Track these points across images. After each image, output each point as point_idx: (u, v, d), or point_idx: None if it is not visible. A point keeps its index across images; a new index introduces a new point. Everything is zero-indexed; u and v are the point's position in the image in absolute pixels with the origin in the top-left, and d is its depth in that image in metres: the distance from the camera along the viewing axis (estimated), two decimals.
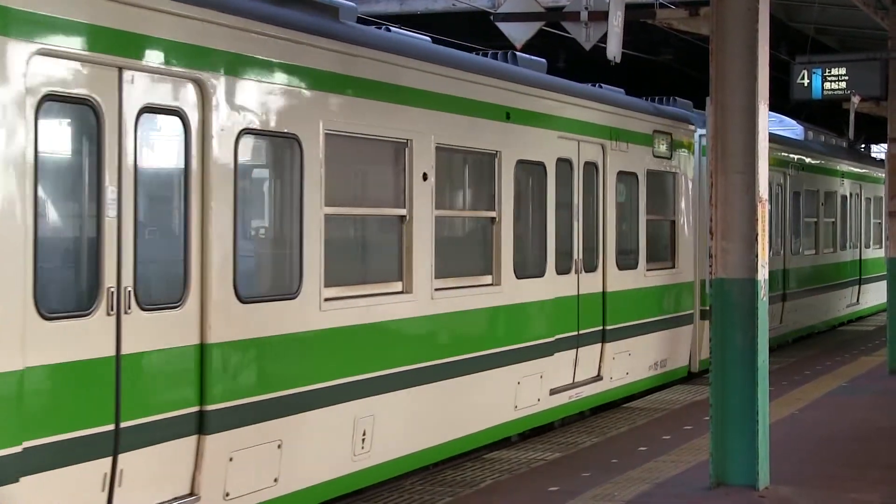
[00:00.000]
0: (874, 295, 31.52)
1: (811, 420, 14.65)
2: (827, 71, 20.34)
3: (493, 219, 13.20)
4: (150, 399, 8.35)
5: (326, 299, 10.26)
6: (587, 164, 15.54)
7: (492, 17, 14.65)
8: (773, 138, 20.48)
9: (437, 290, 11.97)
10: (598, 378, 15.79)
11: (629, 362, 16.68)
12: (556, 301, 14.57)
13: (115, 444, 8.04)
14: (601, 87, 17.50)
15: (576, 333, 15.17)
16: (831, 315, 28.09)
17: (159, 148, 8.84)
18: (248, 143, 9.45)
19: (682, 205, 18.77)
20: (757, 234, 10.62)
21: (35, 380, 7.45)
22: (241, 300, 9.10)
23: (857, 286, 30.18)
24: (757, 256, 10.61)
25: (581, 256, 15.32)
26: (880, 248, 31.79)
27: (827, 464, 12.12)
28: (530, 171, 14.12)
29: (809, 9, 20.07)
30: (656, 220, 17.89)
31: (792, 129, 26.48)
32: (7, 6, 7.31)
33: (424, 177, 11.73)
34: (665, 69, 27.11)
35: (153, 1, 8.39)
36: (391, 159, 11.57)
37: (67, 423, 7.71)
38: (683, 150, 18.73)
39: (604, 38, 13.74)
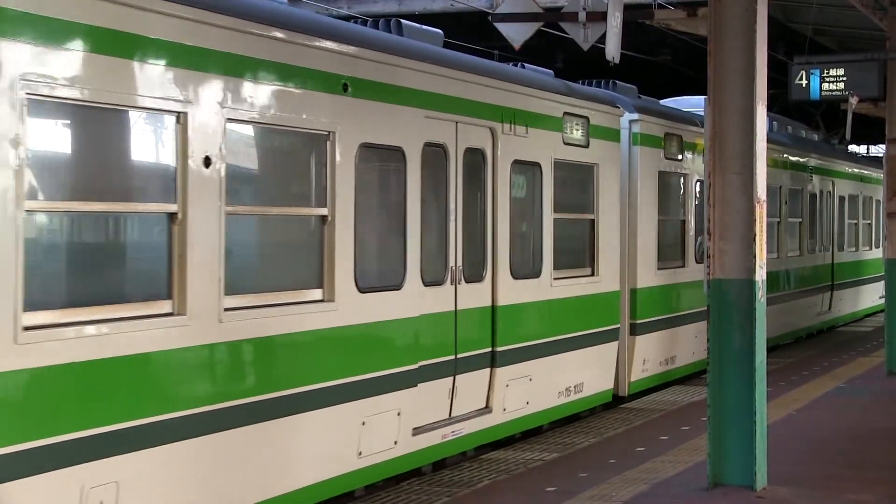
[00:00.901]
0: (849, 302, 29.97)
1: (809, 421, 14.65)
2: (825, 71, 20.33)
3: (323, 217, 10.52)
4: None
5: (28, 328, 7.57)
6: (470, 150, 12.90)
7: (490, 18, 14.64)
8: None
9: (228, 309, 9.24)
10: (487, 410, 13.05)
11: (530, 389, 13.94)
12: (423, 319, 11.84)
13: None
14: (523, 66, 15.30)
15: (452, 358, 12.41)
16: (800, 325, 25.94)
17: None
18: None
19: (605, 202, 16.03)
20: (755, 235, 10.62)
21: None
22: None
23: (829, 292, 28.10)
24: (755, 257, 10.61)
25: (460, 264, 12.65)
26: (856, 250, 30.46)
27: (825, 464, 12.12)
28: (382, 157, 11.59)
29: (807, 9, 20.07)
30: (569, 221, 15.21)
31: None
32: None
33: (207, 162, 9.04)
34: (663, 70, 27.11)
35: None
36: (153, 139, 8.98)
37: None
38: (606, 137, 16.04)
39: (602, 39, 13.74)
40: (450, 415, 12.37)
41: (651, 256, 17.78)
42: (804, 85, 20.27)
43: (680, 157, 18.87)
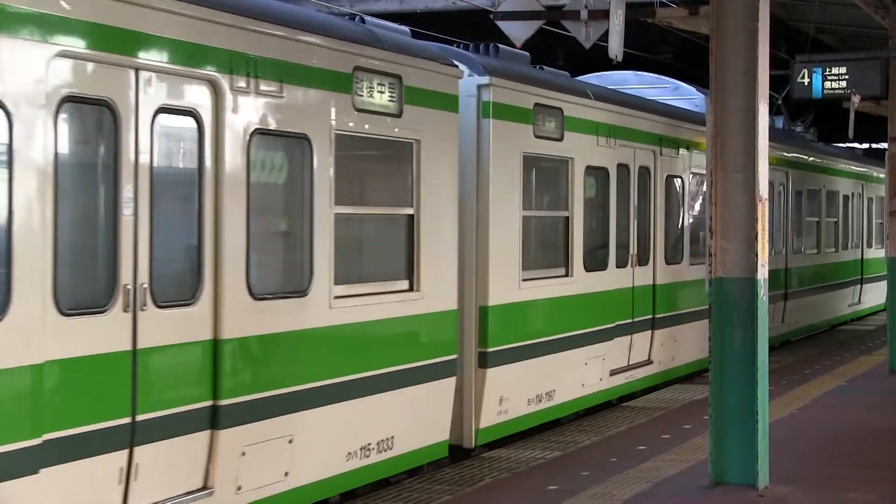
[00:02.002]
0: (808, 313, 25.88)
1: (810, 420, 14.64)
2: (827, 70, 20.31)
3: None
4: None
5: None
6: (166, 112, 8.62)
7: (491, 16, 14.63)
8: (655, 108, 17.90)
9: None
10: (207, 493, 8.94)
11: (291, 455, 9.84)
12: (58, 366, 7.74)
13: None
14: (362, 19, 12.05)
15: (129, 420, 8.27)
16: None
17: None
18: None
19: (432, 192, 11.80)
20: (757, 234, 10.61)
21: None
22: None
23: (783, 302, 24.11)
24: (757, 255, 10.60)
25: (144, 282, 8.34)
26: (817, 251, 26.62)
27: (826, 463, 12.11)
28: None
29: (809, 8, 20.04)
30: (366, 217, 11.22)
31: (691, 98, 20.29)
32: None
33: None
34: (665, 68, 27.10)
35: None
36: None
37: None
38: (434, 105, 11.90)
39: (603, 37, 13.73)
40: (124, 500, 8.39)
41: (512, 264, 13.48)
42: (806, 83, 20.25)
43: (560, 136, 14.72)
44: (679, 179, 18.63)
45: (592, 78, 18.97)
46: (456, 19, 22.48)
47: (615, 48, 13.24)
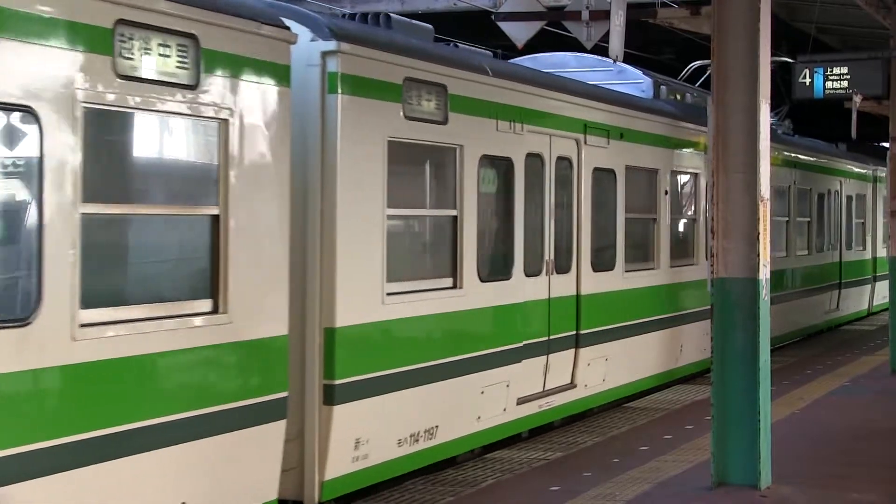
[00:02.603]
0: (773, 323, 22.46)
1: (813, 420, 14.64)
2: (829, 70, 20.31)
3: None
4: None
5: None
6: None
7: (493, 17, 14.64)
8: (580, 90, 15.33)
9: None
10: None
11: None
12: None
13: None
14: None
15: None
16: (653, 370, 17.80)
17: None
18: None
19: (247, 188, 9.26)
20: (759, 234, 10.61)
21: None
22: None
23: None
24: (758, 256, 10.60)
25: None
26: (785, 254, 23.70)
27: (828, 463, 12.11)
28: None
29: (811, 8, 20.03)
30: (140, 220, 8.63)
31: (636, 82, 18.38)
32: None
33: None
34: (667, 68, 27.09)
35: None
36: None
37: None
38: (252, 74, 9.33)
39: (605, 38, 13.74)
40: None
41: (372, 276, 10.93)
42: (808, 84, 20.25)
43: (443, 118, 11.98)
44: (613, 174, 15.83)
45: (526, 60, 16.90)
46: (458, 20, 22.48)
47: (616, 48, 13.25)
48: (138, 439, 8.14)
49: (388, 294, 11.14)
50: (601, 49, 18.78)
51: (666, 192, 17.38)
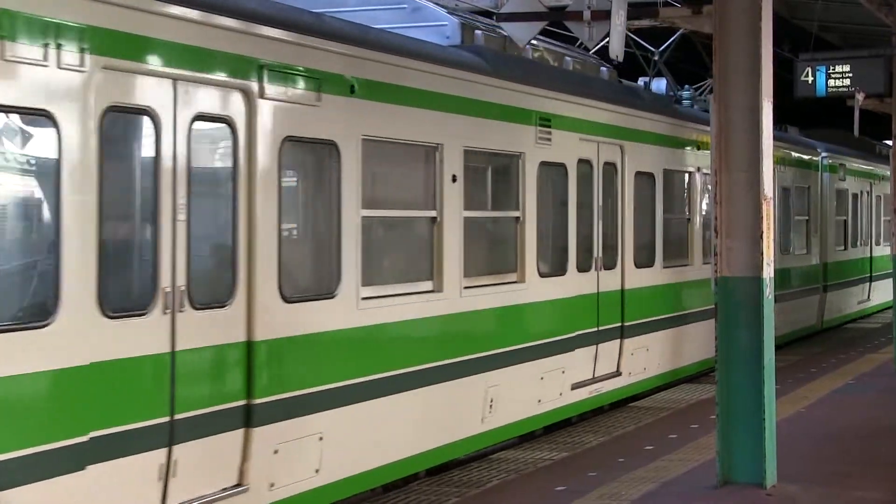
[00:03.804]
0: (654, 353, 17.14)
1: (818, 418, 14.64)
2: (831, 68, 20.32)
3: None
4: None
5: None
6: None
7: (494, 17, 14.64)
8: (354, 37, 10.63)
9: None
10: None
11: None
12: None
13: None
14: None
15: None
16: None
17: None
18: None
19: None
20: (762, 232, 10.61)
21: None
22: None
23: (593, 345, 15.48)
24: (762, 254, 10.60)
25: None
26: (651, 265, 16.91)
27: (834, 462, 12.11)
28: None
29: (812, 6, 20.04)
30: None
31: (437, 25, 13.38)
32: None
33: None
34: (667, 68, 27.06)
35: None
36: None
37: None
38: None
39: (607, 37, 13.75)
40: None
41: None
42: (810, 82, 20.26)
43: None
44: (352, 145, 10.47)
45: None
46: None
47: (616, 48, 13.26)
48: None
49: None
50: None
51: (454, 179, 12.09)
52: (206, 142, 9.14)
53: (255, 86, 9.23)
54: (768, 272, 10.67)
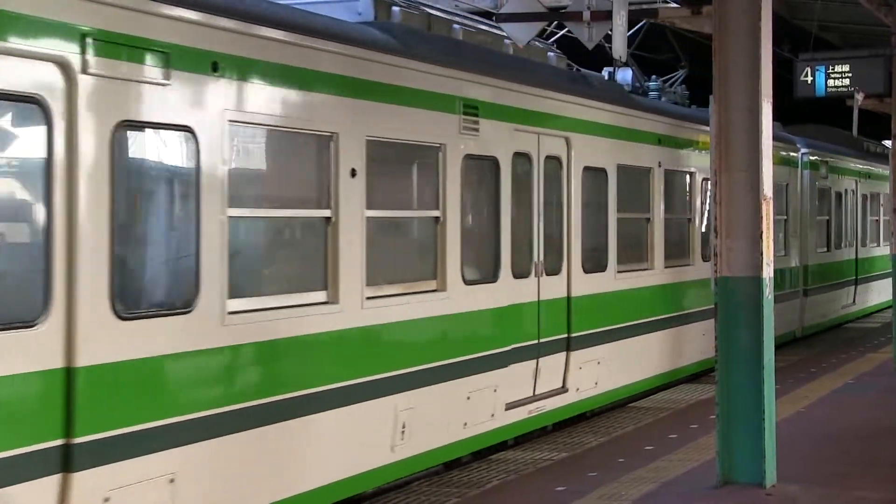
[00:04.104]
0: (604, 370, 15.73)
1: (818, 418, 14.64)
2: (830, 68, 20.33)
3: None
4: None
5: None
6: None
7: (494, 18, 14.64)
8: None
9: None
10: None
11: None
12: None
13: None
14: None
15: None
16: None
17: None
18: None
19: None
20: (761, 232, 10.61)
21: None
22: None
23: (533, 359, 14.15)
24: (762, 254, 10.61)
25: None
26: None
27: (834, 461, 12.10)
28: None
29: (812, 6, 20.05)
30: None
31: (348, 0, 12.09)
32: None
33: None
34: (667, 68, 27.09)
35: None
36: None
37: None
38: None
39: (607, 38, 13.75)
40: None
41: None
42: (809, 82, 20.27)
43: None
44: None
45: None
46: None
47: (619, 49, 13.26)
48: None
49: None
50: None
51: (353, 173, 10.51)
52: (8, 126, 7.55)
53: (75, 58, 7.66)
54: (768, 272, 10.67)
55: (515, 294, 13.25)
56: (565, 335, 14.43)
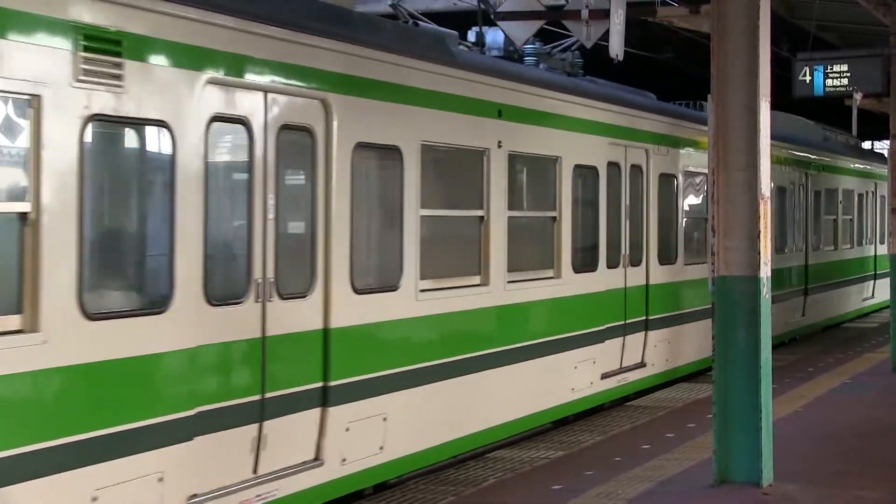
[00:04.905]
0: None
1: (814, 417, 14.64)
2: (829, 68, 20.32)
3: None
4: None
5: None
6: None
7: (492, 17, 14.64)
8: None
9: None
10: None
11: None
12: None
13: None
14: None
15: None
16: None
17: None
18: None
19: None
20: (759, 232, 10.61)
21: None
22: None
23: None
24: (759, 254, 10.61)
25: None
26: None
27: (830, 461, 12.11)
28: None
29: (811, 5, 20.04)
30: None
31: None
32: None
33: None
34: (667, 67, 27.10)
35: None
36: None
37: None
38: None
39: (605, 37, 13.74)
40: None
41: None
42: (808, 81, 20.26)
43: None
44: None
45: None
46: (457, 20, 22.47)
47: (616, 48, 13.26)
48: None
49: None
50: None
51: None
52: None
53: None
54: (766, 271, 10.67)
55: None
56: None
